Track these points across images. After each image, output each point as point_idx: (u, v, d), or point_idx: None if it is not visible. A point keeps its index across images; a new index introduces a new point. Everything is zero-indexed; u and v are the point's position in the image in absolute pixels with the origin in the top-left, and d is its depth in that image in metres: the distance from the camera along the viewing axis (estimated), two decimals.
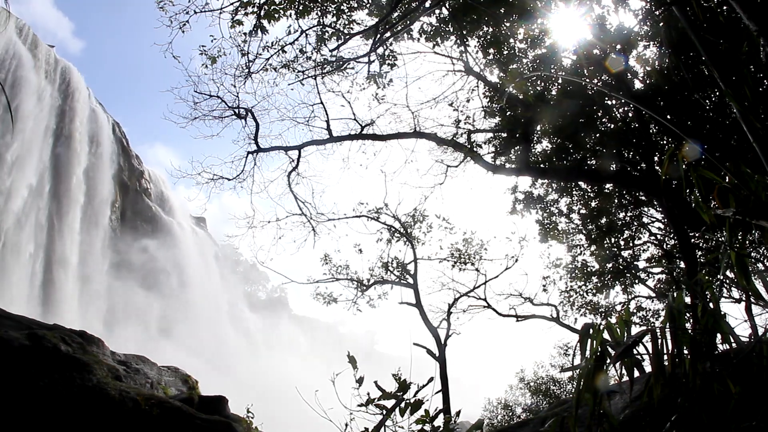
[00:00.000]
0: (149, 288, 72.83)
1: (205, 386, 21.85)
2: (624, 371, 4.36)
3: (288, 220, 24.31)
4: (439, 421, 5.26)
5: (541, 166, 22.17)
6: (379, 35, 19.18)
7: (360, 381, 5.72)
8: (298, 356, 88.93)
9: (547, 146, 22.79)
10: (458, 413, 6.65)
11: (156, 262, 74.84)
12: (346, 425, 6.13)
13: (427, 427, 5.18)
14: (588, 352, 4.31)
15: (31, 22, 76.59)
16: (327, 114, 21.90)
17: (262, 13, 18.60)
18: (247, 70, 20.33)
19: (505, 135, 22.74)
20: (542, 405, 32.38)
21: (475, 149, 22.55)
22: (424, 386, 5.67)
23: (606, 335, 4.34)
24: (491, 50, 20.39)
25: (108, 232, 74.75)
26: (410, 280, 29.36)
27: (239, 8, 18.72)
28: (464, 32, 19.97)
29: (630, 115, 20.63)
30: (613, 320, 4.52)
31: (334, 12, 19.64)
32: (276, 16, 18.81)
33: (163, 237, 78.35)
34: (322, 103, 21.88)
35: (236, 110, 21.44)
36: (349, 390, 5.82)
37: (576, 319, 29.06)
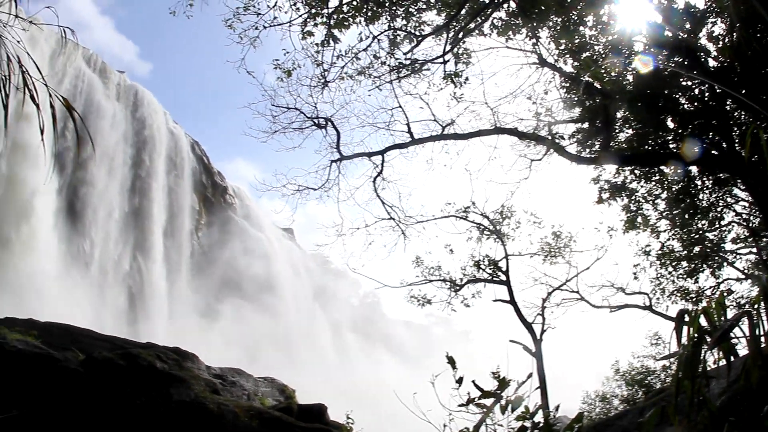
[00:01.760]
0: (240, 303, 73.45)
1: (302, 395, 22.05)
2: (721, 355, 4.36)
3: (377, 226, 24.30)
4: (539, 417, 5.29)
5: (624, 153, 21.96)
6: (451, 33, 19.21)
7: (459, 381, 5.78)
8: (394, 360, 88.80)
9: (628, 132, 22.56)
10: (557, 408, 6.68)
11: (247, 276, 75.36)
12: (445, 426, 6.19)
13: (527, 423, 5.21)
14: (684, 339, 4.32)
15: (97, 49, 78.21)
16: (407, 117, 21.86)
17: (332, 22, 18.74)
18: (323, 80, 20.52)
19: (586, 125, 22.58)
20: (638, 396, 32.03)
21: (557, 141, 22.39)
22: (523, 383, 5.70)
23: (702, 320, 4.35)
24: (562, 40, 20.23)
25: (195, 249, 75.73)
26: (503, 277, 29.43)
27: (308, 20, 18.88)
28: (534, 24, 19.82)
29: (706, 94, 20.34)
30: (706, 305, 4.52)
31: (403, 15, 19.67)
32: (346, 24, 18.95)
33: (252, 251, 79.06)
34: (400, 106, 21.84)
35: (316, 120, 21.52)
36: (447, 391, 5.88)
37: (667, 306, 28.78)
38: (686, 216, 24.61)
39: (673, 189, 24.02)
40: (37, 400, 14.05)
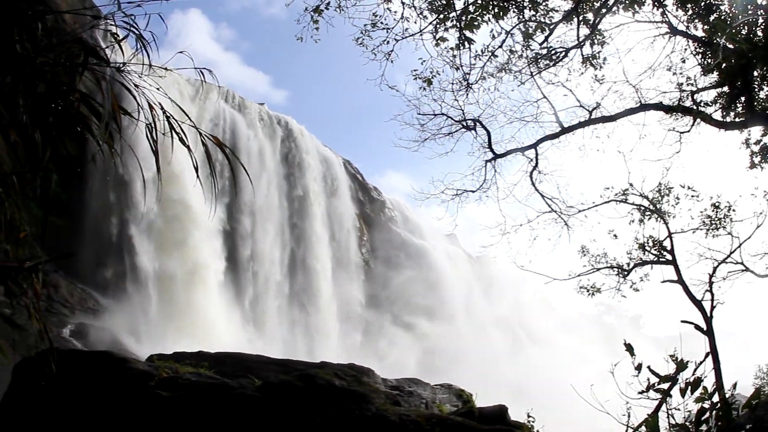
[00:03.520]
0: (412, 313, 74.32)
1: (480, 398, 22.11)
2: None
3: (539, 220, 24.21)
4: (717, 397, 5.26)
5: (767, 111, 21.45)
6: (581, 16, 19.14)
7: (638, 368, 5.80)
8: (567, 353, 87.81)
9: None
10: (734, 385, 6.60)
11: (415, 287, 75.67)
12: (628, 415, 6.21)
13: (706, 404, 5.19)
14: None
15: (230, 85, 79.56)
16: (553, 107, 21.94)
17: (462, 24, 18.87)
18: (465, 83, 20.73)
19: (726, 89, 22.13)
20: None
21: (701, 110, 22.00)
22: (701, 363, 5.68)
23: None
24: (688, 5, 19.94)
25: (361, 267, 76.76)
26: (668, 257, 28.93)
27: (438, 26, 19.07)
28: None
29: None
30: None
31: (530, 5, 19.65)
32: (476, 24, 19.02)
33: (418, 260, 79.70)
34: (545, 97, 21.87)
35: (464, 123, 21.65)
36: (624, 379, 5.89)
37: None
38: None
39: None
40: (216, 430, 14.49)
